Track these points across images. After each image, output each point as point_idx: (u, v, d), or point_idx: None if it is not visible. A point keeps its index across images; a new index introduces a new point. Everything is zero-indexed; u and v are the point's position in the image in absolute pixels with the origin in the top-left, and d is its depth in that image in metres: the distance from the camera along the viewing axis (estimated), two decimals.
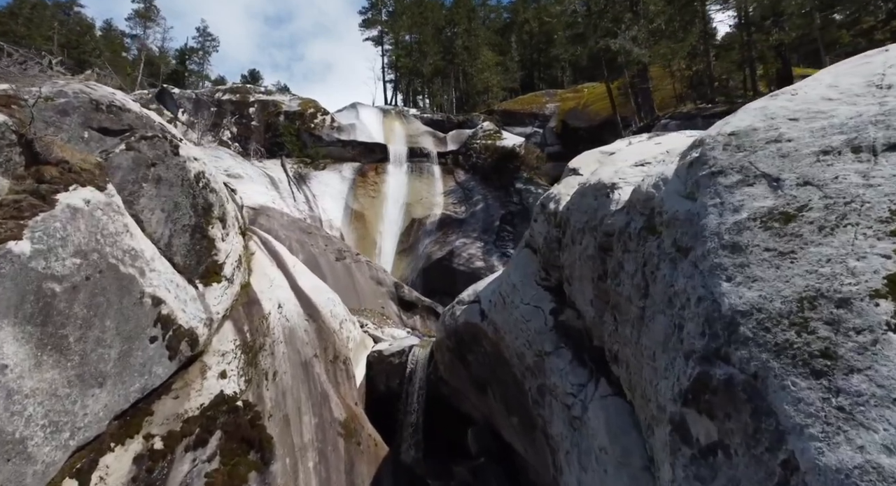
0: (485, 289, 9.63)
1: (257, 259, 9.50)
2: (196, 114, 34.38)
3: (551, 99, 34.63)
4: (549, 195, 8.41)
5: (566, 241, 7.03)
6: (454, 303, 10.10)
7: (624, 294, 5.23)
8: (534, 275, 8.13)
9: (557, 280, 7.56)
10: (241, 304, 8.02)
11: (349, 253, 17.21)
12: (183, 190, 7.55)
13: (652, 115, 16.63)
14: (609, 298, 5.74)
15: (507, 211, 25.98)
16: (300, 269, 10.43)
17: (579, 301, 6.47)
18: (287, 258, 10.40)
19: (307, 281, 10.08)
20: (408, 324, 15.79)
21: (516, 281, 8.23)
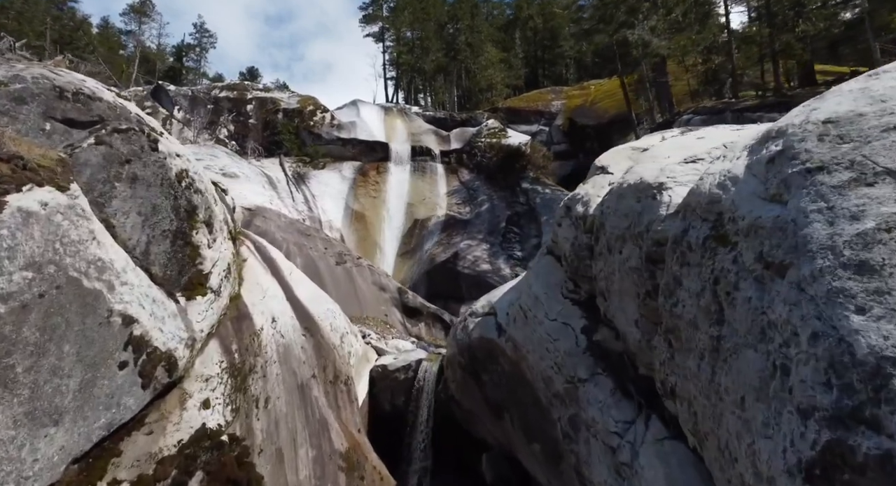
0: (501, 299, 8.74)
1: (249, 267, 8.61)
2: (192, 111, 33.48)
3: (557, 96, 33.72)
4: (575, 196, 7.52)
5: (600, 249, 6.14)
6: (466, 315, 9.21)
7: (685, 317, 4.34)
8: (559, 286, 7.23)
9: (588, 293, 6.66)
10: (230, 319, 7.12)
11: (350, 257, 16.31)
12: (162, 190, 6.65)
13: (671, 110, 15.76)
14: (660, 319, 4.85)
15: (514, 212, 25.09)
16: (297, 276, 9.54)
17: (619, 320, 5.57)
18: (283, 265, 9.50)
19: (305, 290, 9.18)
20: (412, 332, 14.90)
21: (539, 293, 7.33)
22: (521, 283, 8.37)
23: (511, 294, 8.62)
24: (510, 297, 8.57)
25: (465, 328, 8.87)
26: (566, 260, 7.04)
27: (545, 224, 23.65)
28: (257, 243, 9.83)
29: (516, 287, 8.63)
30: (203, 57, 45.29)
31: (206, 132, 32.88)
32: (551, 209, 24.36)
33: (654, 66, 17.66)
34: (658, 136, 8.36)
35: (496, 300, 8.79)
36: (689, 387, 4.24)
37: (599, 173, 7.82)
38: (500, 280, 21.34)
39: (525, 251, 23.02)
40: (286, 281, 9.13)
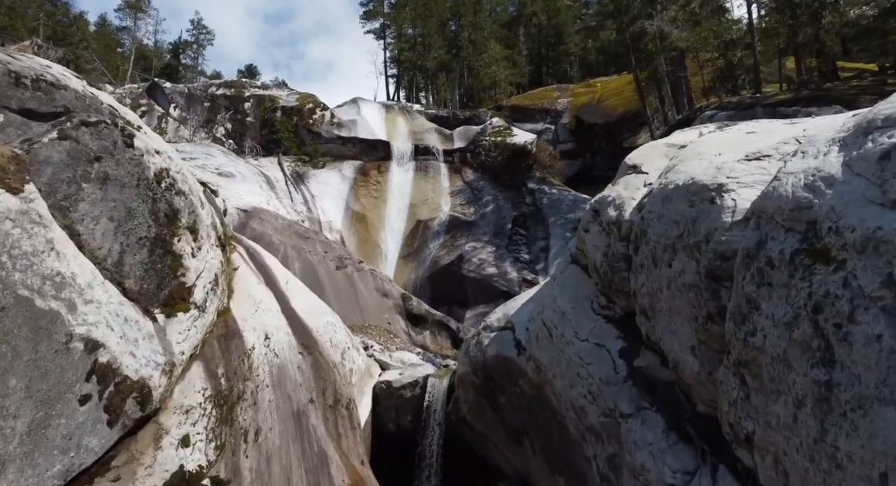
0: (519, 312, 7.93)
1: (241, 276, 7.79)
2: (188, 109, 32.70)
3: (563, 94, 32.88)
4: (605, 199, 6.71)
5: (641, 260, 5.33)
6: (480, 329, 8.39)
7: (767, 351, 3.51)
8: (588, 300, 6.42)
9: (625, 309, 5.85)
10: (217, 337, 6.31)
11: (351, 261, 15.50)
12: (139, 192, 5.83)
13: (690, 106, 14.94)
14: (727, 347, 4.03)
15: (520, 213, 24.28)
16: (295, 286, 8.72)
17: (669, 345, 4.76)
18: (278, 273, 8.69)
19: (302, 301, 8.37)
20: (417, 341, 14.09)
21: (565, 307, 6.52)
22: (542, 294, 7.56)
23: (531, 307, 7.81)
24: (530, 310, 7.75)
25: (478, 344, 8.05)
26: (597, 271, 6.23)
27: (553, 226, 22.85)
28: (250, 249, 9.02)
29: (536, 299, 7.82)
30: (200, 54, 44.45)
31: (203, 131, 32.10)
32: (559, 210, 23.58)
33: (672, 59, 16.87)
34: (693, 132, 7.54)
35: (513, 313, 7.98)
36: (775, 438, 3.42)
37: (631, 173, 7.00)
38: (506, 284, 20.55)
39: (532, 254, 22.22)
40: (282, 291, 8.32)
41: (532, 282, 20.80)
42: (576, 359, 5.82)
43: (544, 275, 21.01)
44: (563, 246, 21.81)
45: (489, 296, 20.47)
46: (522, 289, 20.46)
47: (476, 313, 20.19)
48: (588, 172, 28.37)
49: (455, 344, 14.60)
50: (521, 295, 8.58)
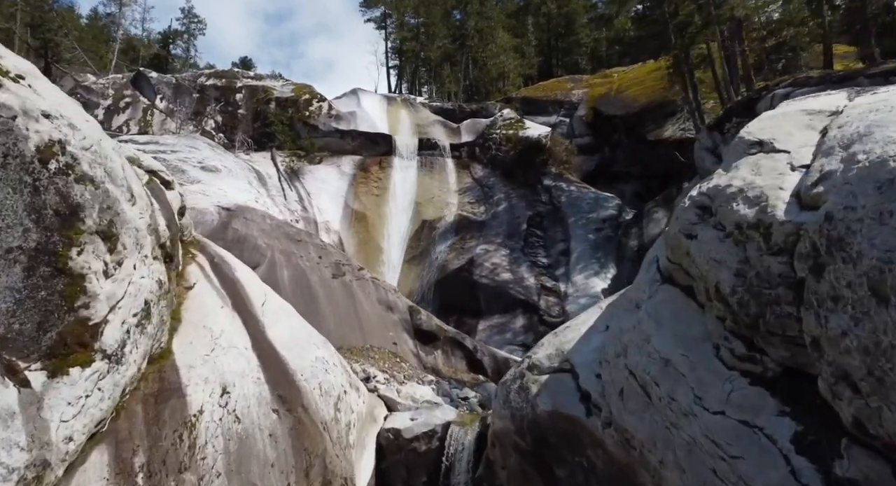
0: (579, 348, 5.77)
1: (196, 299, 5.63)
2: (176, 101, 30.50)
3: (577, 85, 30.67)
4: (721, 190, 4.52)
5: (834, 288, 3.16)
6: (524, 368, 6.22)
7: None
8: (707, 342, 4.24)
9: (785, 364, 3.68)
10: (144, 399, 4.14)
11: (349, 267, 13.32)
12: (8, 176, 3.67)
13: (749, 85, 12.84)
14: None
15: (535, 212, 22.10)
16: (274, 307, 6.56)
17: None
18: (253, 290, 6.53)
19: (284, 330, 6.21)
20: (426, 363, 11.93)
21: (670, 352, 4.34)
22: (617, 323, 5.40)
23: (598, 340, 5.65)
24: (597, 344, 5.60)
25: (523, 391, 5.89)
26: (723, 300, 4.05)
27: (574, 226, 20.67)
28: (216, 259, 6.85)
29: (606, 329, 5.67)
30: (191, 43, 42.21)
31: (191, 123, 29.88)
32: (580, 209, 21.41)
33: (728, 32, 14.74)
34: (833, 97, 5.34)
35: (572, 349, 5.82)
36: None
37: (756, 152, 4.82)
38: (523, 292, 18.40)
39: (551, 258, 20.04)
40: (255, 317, 6.15)
41: (552, 289, 18.67)
42: (706, 444, 3.65)
43: (565, 282, 18.86)
44: (585, 249, 19.66)
45: (504, 305, 18.32)
46: (542, 298, 18.32)
47: (490, 324, 18.05)
48: (607, 168, 26.17)
49: (471, 366, 12.44)
50: (578, 320, 6.42)
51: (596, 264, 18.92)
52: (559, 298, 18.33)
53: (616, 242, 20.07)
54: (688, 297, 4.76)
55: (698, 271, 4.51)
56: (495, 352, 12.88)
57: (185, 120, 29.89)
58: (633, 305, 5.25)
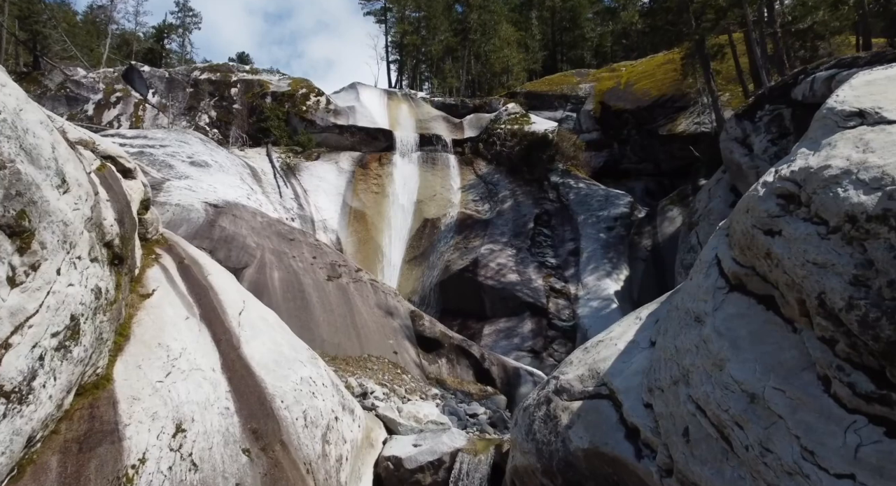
0: (619, 366, 4.76)
1: (153, 310, 4.62)
2: (169, 95, 29.53)
3: (584, 79, 29.63)
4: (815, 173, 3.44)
5: None
6: (549, 391, 5.21)
7: None
8: (805, 371, 3.23)
9: None
10: (61, 447, 3.12)
11: (346, 269, 12.31)
12: None
13: (781, 70, 11.84)
14: None
15: (542, 210, 21.09)
16: (254, 317, 5.55)
17: None
18: (228, 298, 5.51)
19: (264, 346, 5.20)
20: (430, 373, 10.92)
21: (753, 383, 3.32)
22: (665, 336, 4.39)
23: (642, 358, 4.65)
24: (642, 363, 4.59)
25: (549, 420, 4.87)
26: (830, 317, 3.04)
27: (583, 225, 19.65)
28: (186, 260, 5.83)
29: (651, 345, 4.66)
30: (186, 37, 41.16)
31: (185, 119, 28.90)
32: (589, 207, 20.38)
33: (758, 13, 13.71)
34: None
35: (609, 369, 4.81)
36: None
37: (855, 124, 3.82)
38: (531, 294, 17.39)
39: (560, 258, 19.03)
40: (229, 330, 5.13)
41: (562, 291, 17.66)
42: None
43: (575, 283, 17.84)
44: (596, 249, 18.63)
45: (511, 308, 17.31)
46: (550, 300, 17.31)
47: (496, 328, 17.04)
48: (616, 165, 25.15)
49: (479, 376, 11.43)
50: (611, 333, 5.40)
51: (608, 265, 17.90)
52: (569, 300, 17.32)
53: (628, 241, 19.05)
54: (768, 310, 3.74)
55: (787, 277, 3.49)
56: (504, 361, 11.87)
57: (177, 115, 28.90)
58: (691, 317, 4.23)
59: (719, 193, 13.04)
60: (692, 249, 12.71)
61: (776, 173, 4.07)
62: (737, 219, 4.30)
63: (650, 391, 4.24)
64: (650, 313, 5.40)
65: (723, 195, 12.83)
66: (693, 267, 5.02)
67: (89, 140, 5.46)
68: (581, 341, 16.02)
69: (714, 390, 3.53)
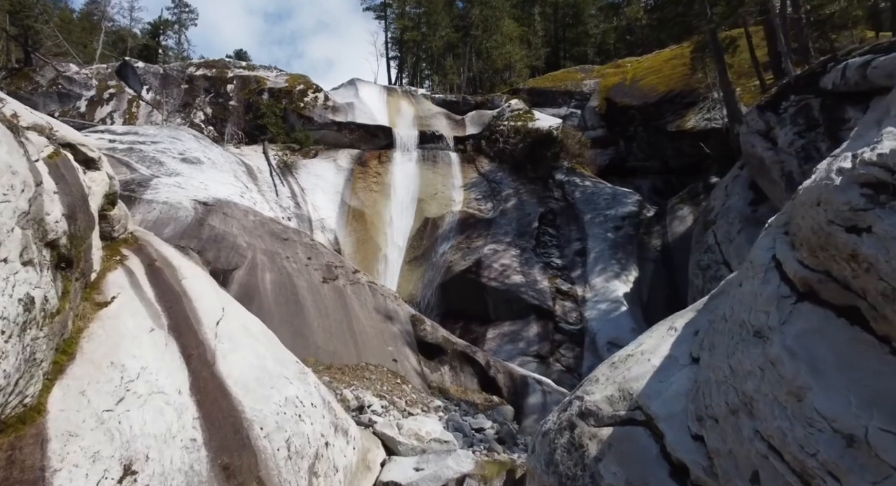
0: (655, 384, 4.07)
1: (110, 321, 3.93)
2: (163, 92, 28.87)
3: (588, 75, 28.94)
4: None
5: None
6: (572, 414, 4.51)
7: None
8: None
9: None
10: None
11: (343, 270, 11.63)
12: None
13: (806, 57, 11.17)
14: None
15: (548, 209, 20.40)
16: (233, 328, 4.87)
17: None
18: (205, 305, 4.83)
19: (244, 359, 4.52)
20: (432, 381, 10.23)
21: (849, 420, 2.59)
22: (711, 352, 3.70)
23: (683, 377, 3.96)
24: (683, 383, 3.90)
25: (574, 449, 4.18)
26: None
27: (590, 224, 18.96)
28: (158, 263, 5.14)
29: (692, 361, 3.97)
30: (182, 34, 40.45)
31: (180, 116, 28.24)
32: (596, 206, 19.69)
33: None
34: None
35: (643, 389, 4.11)
36: None
37: None
38: (536, 296, 16.69)
39: (566, 258, 18.33)
40: (204, 343, 4.44)
41: (568, 293, 16.97)
42: None
43: (583, 285, 17.15)
44: (603, 249, 17.93)
45: (516, 311, 16.61)
46: (557, 302, 16.61)
47: (500, 332, 16.34)
48: (622, 163, 24.45)
49: (484, 384, 10.74)
50: (641, 346, 4.71)
51: (616, 266, 17.21)
52: (576, 303, 16.63)
53: (637, 241, 18.35)
54: (852, 324, 3.04)
55: (884, 285, 2.79)
56: (511, 368, 11.18)
57: (172, 112, 28.24)
58: (748, 331, 3.54)
59: (737, 190, 12.35)
60: (709, 249, 12.03)
61: (856, 158, 3.35)
62: (802, 214, 3.58)
63: (699, 421, 3.55)
64: (687, 323, 4.71)
65: (741, 192, 12.14)
66: (740, 272, 4.32)
67: (46, 125, 4.78)
68: (590, 346, 15.32)
69: (793, 426, 2.83)
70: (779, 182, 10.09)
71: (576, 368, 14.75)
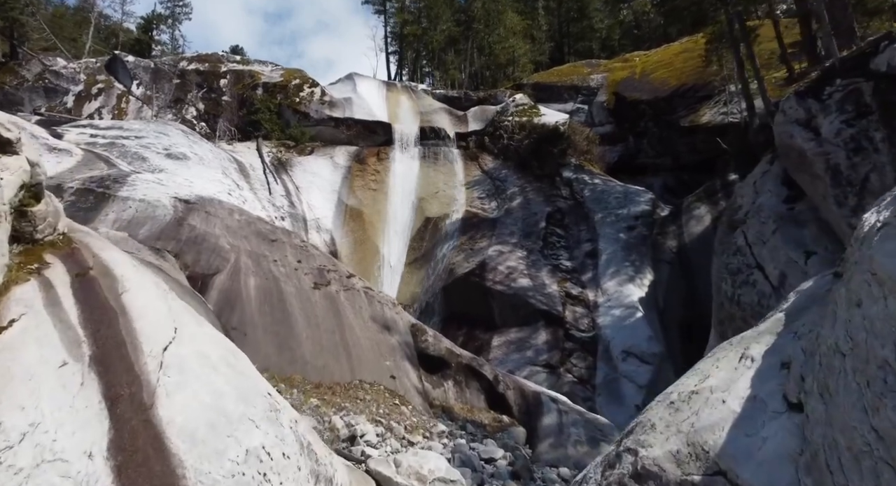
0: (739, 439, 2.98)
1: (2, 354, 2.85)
2: (154, 87, 27.79)
3: (595, 69, 27.86)
4: None
5: None
6: (622, 474, 3.45)
7: None
8: None
9: None
10: None
11: (336, 275, 10.56)
12: None
13: (851, 39, 10.14)
14: None
15: (555, 208, 19.34)
16: (185, 355, 3.80)
17: None
18: (148, 327, 3.77)
19: (196, 398, 3.46)
20: (434, 400, 9.16)
21: None
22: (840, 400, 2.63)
23: (783, 430, 2.90)
24: (786, 439, 2.85)
25: None
26: None
27: (601, 224, 17.90)
28: (93, 272, 4.08)
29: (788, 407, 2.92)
30: (176, 28, 39.36)
31: (171, 111, 27.17)
32: (607, 205, 18.62)
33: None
34: None
35: (727, 443, 3.06)
36: None
37: None
38: (545, 301, 15.63)
39: (576, 260, 17.27)
40: (140, 378, 3.39)
41: (579, 298, 15.90)
42: None
43: (594, 289, 16.08)
44: (616, 250, 16.87)
45: (523, 316, 15.56)
46: (567, 308, 15.54)
47: (506, 339, 15.28)
48: (631, 160, 23.39)
49: (492, 402, 9.67)
50: (706, 380, 3.65)
51: (630, 268, 16.14)
52: (587, 308, 15.57)
53: (651, 242, 17.29)
54: None
55: None
56: (522, 384, 10.12)
57: (163, 107, 27.17)
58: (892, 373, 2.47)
59: (768, 187, 11.27)
60: (738, 251, 10.95)
61: None
62: None
63: None
64: (767, 351, 3.64)
65: (773, 189, 11.07)
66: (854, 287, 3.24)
67: None
68: (603, 355, 14.23)
69: None
70: (822, 177, 9.02)
71: (589, 379, 13.69)
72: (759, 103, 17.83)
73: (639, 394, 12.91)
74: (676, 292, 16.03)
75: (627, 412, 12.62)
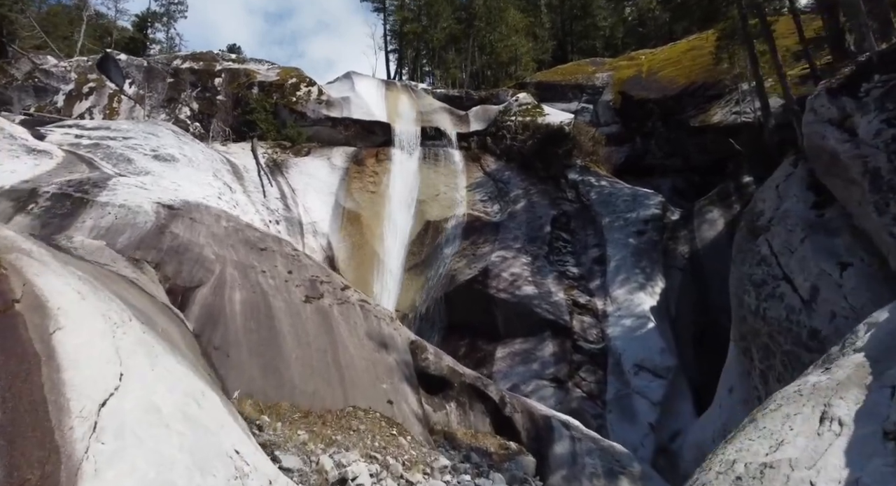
0: None
1: None
2: (147, 86, 27.08)
3: (600, 68, 27.10)
4: None
5: None
6: None
7: None
8: None
9: None
10: None
11: (330, 286, 9.80)
12: None
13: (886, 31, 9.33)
14: None
15: (561, 211, 18.58)
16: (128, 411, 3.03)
17: None
18: (80, 376, 3.00)
19: (127, 475, 2.66)
20: (436, 425, 8.40)
21: None
22: None
23: None
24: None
25: None
26: None
27: (609, 229, 17.13)
28: (17, 308, 3.33)
29: None
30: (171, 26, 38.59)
31: (164, 111, 26.43)
32: (615, 208, 17.86)
33: None
34: None
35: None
36: None
37: None
38: (552, 310, 14.86)
39: (583, 267, 16.51)
40: (59, 449, 2.63)
41: (587, 307, 15.14)
42: None
43: (603, 297, 15.32)
44: (625, 256, 16.11)
45: (528, 326, 14.78)
46: (574, 317, 14.77)
47: (511, 350, 14.51)
48: (639, 161, 22.60)
49: (497, 425, 8.91)
50: (780, 449, 2.89)
51: (640, 276, 15.38)
52: (596, 318, 14.81)
53: (662, 247, 16.52)
54: None
55: None
56: (531, 407, 9.36)
57: (156, 107, 26.45)
58: None
59: (793, 191, 10.50)
60: (763, 260, 10.17)
61: None
62: None
63: None
64: (861, 413, 2.88)
65: (799, 195, 10.30)
66: None
67: None
68: (614, 369, 13.45)
69: None
70: (859, 182, 8.25)
71: (599, 394, 12.93)
72: (773, 102, 17.11)
73: (653, 411, 12.15)
74: (688, 299, 15.28)
75: (641, 431, 11.87)
